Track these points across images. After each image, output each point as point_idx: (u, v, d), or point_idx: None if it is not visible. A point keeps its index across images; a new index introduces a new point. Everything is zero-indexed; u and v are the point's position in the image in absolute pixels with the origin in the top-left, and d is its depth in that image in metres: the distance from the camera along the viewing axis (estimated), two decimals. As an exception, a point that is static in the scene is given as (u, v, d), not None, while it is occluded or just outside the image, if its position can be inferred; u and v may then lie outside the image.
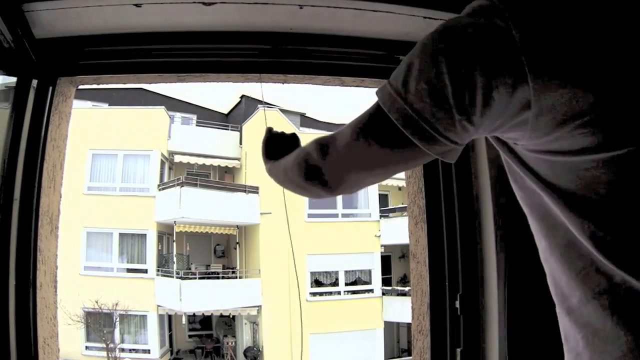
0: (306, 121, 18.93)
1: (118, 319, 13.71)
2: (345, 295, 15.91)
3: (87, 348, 13.88)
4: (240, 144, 16.56)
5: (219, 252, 17.03)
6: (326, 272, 15.89)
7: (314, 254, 15.03)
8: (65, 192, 1.46)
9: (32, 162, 1.27)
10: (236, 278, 15.03)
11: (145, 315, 14.33)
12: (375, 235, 16.03)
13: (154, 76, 1.47)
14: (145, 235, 14.75)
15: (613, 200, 0.55)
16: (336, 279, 16.02)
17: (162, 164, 15.69)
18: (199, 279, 14.52)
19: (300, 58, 1.43)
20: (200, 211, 14.01)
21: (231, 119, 18.51)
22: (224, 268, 15.83)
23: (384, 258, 16.60)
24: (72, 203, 11.32)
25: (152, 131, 15.08)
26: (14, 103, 1.26)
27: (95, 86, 1.56)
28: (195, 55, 1.42)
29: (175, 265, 14.43)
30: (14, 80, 1.27)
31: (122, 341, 14.23)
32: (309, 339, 14.60)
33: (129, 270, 14.71)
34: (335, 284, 16.04)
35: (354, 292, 16.07)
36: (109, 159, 14.81)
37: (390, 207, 17.22)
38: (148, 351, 14.34)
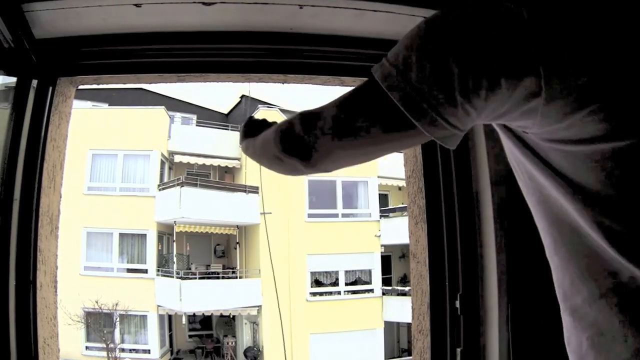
0: (306, 121, 18.88)
1: (118, 319, 13.71)
2: (345, 295, 15.91)
3: (87, 348, 13.88)
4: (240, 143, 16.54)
5: (219, 252, 17.03)
6: (326, 272, 15.88)
7: (314, 254, 15.04)
8: (65, 192, 1.46)
9: (32, 162, 1.27)
10: (236, 278, 15.03)
11: (146, 316, 14.33)
12: (376, 235, 16.03)
13: (154, 76, 1.47)
14: (146, 235, 14.75)
15: (624, 194, 0.54)
16: (336, 279, 16.01)
17: (162, 164, 15.69)
18: (199, 279, 14.52)
19: (300, 58, 1.43)
20: (200, 211, 14.02)
21: (231, 119, 18.51)
22: (224, 268, 15.83)
23: (384, 258, 16.60)
24: (72, 203, 11.32)
25: (152, 131, 15.08)
26: (14, 103, 1.26)
27: (95, 86, 1.56)
28: (195, 55, 1.42)
29: (175, 265, 14.43)
30: (14, 80, 1.27)
31: (122, 341, 14.23)
32: (309, 339, 14.61)
33: (129, 270, 14.71)
34: (335, 283, 16.04)
35: (354, 292, 16.07)
36: (109, 159, 14.82)
37: (390, 207, 17.22)
38: (148, 351, 14.34)
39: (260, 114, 15.36)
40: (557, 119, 0.55)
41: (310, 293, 15.47)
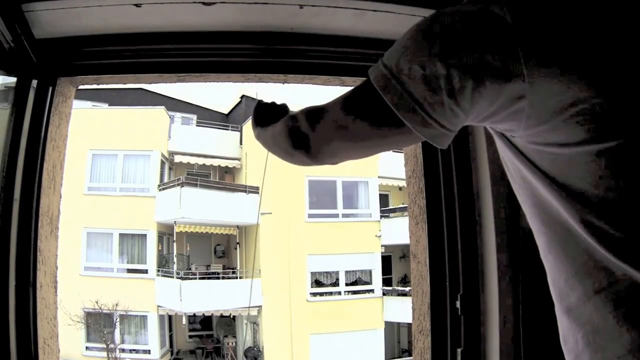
0: (306, 121, 18.88)
1: (118, 320, 13.71)
2: (345, 296, 15.91)
3: (88, 348, 13.88)
4: (241, 144, 16.57)
5: (219, 252, 17.03)
6: (327, 272, 15.88)
7: (314, 254, 15.03)
8: (65, 193, 1.46)
9: (32, 163, 1.27)
10: (236, 278, 15.03)
11: (146, 316, 14.33)
12: (376, 236, 16.03)
13: (154, 76, 1.47)
14: (146, 235, 14.75)
15: (608, 195, 0.55)
16: (337, 279, 16.01)
17: (162, 164, 15.69)
18: (199, 279, 14.53)
19: (300, 58, 1.43)
20: (200, 211, 14.02)
21: (231, 119, 18.52)
22: (224, 268, 15.83)
23: (384, 258, 16.59)
24: (72, 203, 11.32)
25: (152, 131, 15.08)
26: (14, 103, 1.25)
27: (95, 86, 1.56)
28: (195, 55, 1.42)
29: (175, 266, 14.44)
30: (14, 80, 1.27)
31: (123, 341, 14.24)
32: (310, 339, 14.61)
33: (129, 270, 14.71)
34: (335, 284, 16.03)
35: (355, 292, 16.07)
36: (109, 159, 14.82)
37: (390, 207, 17.22)
38: (148, 351, 14.35)
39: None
40: (541, 121, 0.56)
41: (310, 293, 15.46)
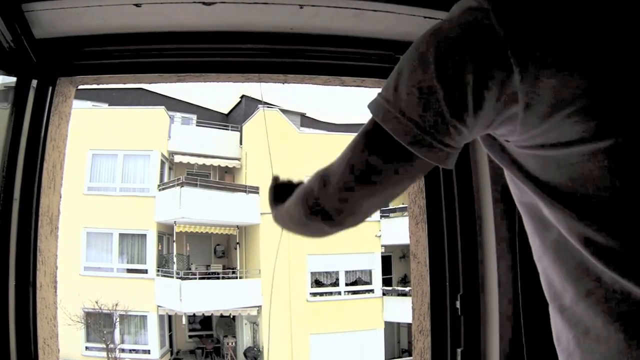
0: (306, 121, 18.92)
1: (118, 320, 13.70)
2: (345, 296, 15.91)
3: (87, 348, 13.88)
4: (241, 144, 16.56)
5: (219, 253, 17.03)
6: (326, 272, 15.88)
7: (314, 254, 15.03)
8: (65, 192, 1.46)
9: (32, 162, 1.27)
10: (236, 278, 15.02)
11: (146, 316, 14.32)
12: (376, 236, 16.02)
13: (154, 76, 1.47)
14: (145, 235, 14.75)
15: (601, 196, 0.55)
16: (336, 279, 16.01)
17: (162, 164, 15.69)
18: (199, 279, 14.51)
19: (300, 58, 1.43)
20: (200, 211, 14.01)
21: (231, 119, 18.51)
22: (224, 268, 15.82)
23: (384, 258, 16.59)
24: (72, 203, 11.32)
25: (152, 131, 15.07)
26: (14, 103, 1.25)
27: (95, 86, 1.56)
28: (195, 55, 1.42)
29: (175, 266, 14.43)
30: (13, 80, 1.27)
31: (122, 341, 14.23)
32: (310, 339, 14.60)
33: (129, 270, 14.70)
34: (335, 284, 16.03)
35: (355, 293, 16.07)
36: (109, 159, 14.81)
37: (390, 207, 17.20)
38: (148, 351, 14.34)
39: (260, 114, 15.38)
40: (535, 124, 0.56)
41: (310, 293, 15.46)
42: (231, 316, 15.98)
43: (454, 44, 0.57)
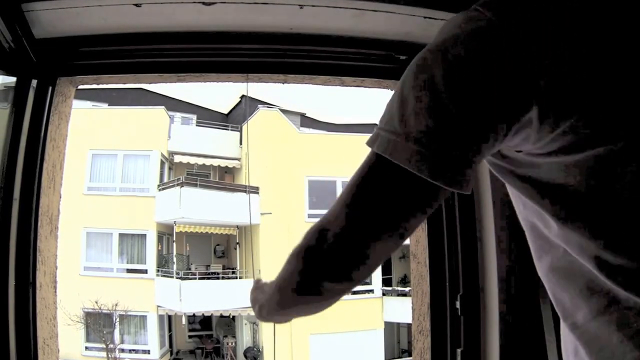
0: (306, 121, 18.92)
1: (118, 320, 13.70)
2: (345, 296, 15.89)
3: (87, 349, 13.87)
4: (240, 144, 16.56)
5: (219, 253, 17.02)
6: (326, 273, 15.85)
7: (314, 254, 15.01)
8: (65, 192, 1.46)
9: (32, 162, 1.27)
10: (236, 278, 15.02)
11: (145, 316, 14.32)
12: (376, 236, 16.01)
13: (154, 76, 1.47)
14: (145, 235, 14.74)
15: (614, 213, 0.54)
16: (336, 279, 15.99)
17: (162, 164, 15.68)
18: (199, 279, 14.51)
19: (300, 58, 1.43)
20: (200, 211, 14.01)
21: (231, 119, 18.51)
22: (224, 268, 15.82)
23: (384, 258, 16.58)
24: (72, 203, 11.32)
25: (152, 131, 15.07)
26: (14, 103, 1.25)
27: (95, 86, 1.55)
28: (195, 55, 1.42)
29: (175, 266, 14.42)
30: (13, 80, 1.27)
31: (122, 342, 14.22)
32: (309, 339, 14.60)
33: (129, 270, 14.70)
34: (335, 284, 16.01)
35: (354, 293, 16.06)
36: (109, 159, 14.81)
37: (390, 208, 17.20)
38: (148, 352, 14.33)
39: (260, 114, 15.38)
40: (543, 137, 0.55)
41: (310, 293, 15.44)
42: (231, 316, 15.97)
43: (466, 67, 0.54)
